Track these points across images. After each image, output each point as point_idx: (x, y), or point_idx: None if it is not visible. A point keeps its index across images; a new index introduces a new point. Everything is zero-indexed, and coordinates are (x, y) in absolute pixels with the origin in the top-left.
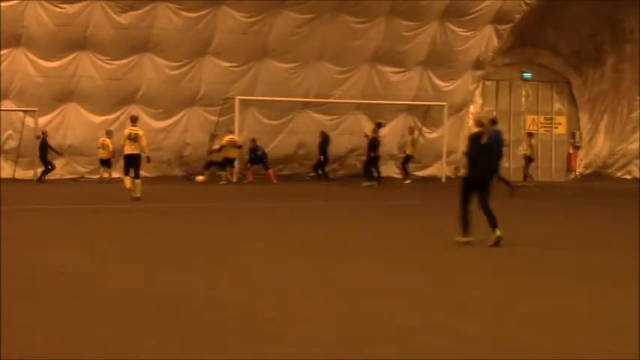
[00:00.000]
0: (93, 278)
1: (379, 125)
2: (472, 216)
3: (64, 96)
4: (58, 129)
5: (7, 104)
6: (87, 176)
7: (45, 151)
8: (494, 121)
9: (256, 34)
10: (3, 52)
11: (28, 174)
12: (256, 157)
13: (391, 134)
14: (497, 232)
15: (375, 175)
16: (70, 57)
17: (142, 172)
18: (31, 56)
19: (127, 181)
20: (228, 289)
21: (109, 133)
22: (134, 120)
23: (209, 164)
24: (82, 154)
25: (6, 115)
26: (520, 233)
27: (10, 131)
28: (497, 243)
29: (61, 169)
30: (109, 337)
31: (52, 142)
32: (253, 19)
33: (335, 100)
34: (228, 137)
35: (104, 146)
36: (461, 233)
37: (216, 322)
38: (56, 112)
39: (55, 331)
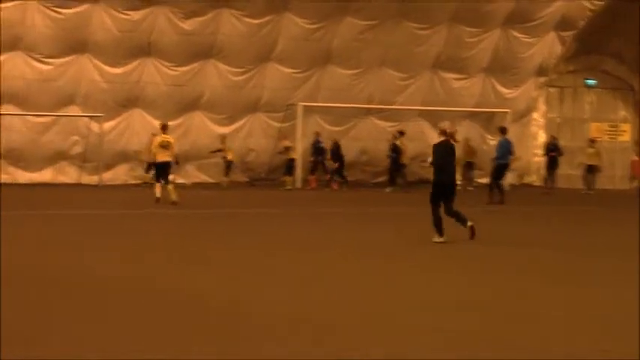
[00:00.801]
0: (136, 281)
1: (401, 133)
2: (443, 219)
3: (128, 102)
4: (123, 134)
5: (74, 110)
6: (150, 181)
7: None
8: (503, 130)
9: (319, 41)
10: (69, 58)
11: (94, 179)
12: (317, 149)
13: None
14: (469, 223)
15: (400, 181)
16: (135, 63)
17: (205, 178)
18: (97, 62)
19: (158, 189)
20: (269, 292)
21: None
22: (165, 128)
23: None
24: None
25: (72, 121)
26: (560, 237)
27: (76, 137)
28: (473, 233)
29: (124, 174)
30: (151, 338)
31: (117, 147)
32: (316, 25)
33: (397, 107)
34: (285, 142)
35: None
36: (437, 235)
37: (262, 326)
38: (121, 117)
39: (100, 332)
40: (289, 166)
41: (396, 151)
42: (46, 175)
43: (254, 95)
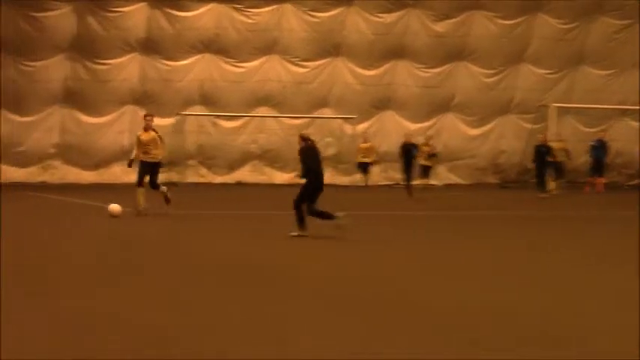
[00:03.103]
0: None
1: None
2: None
3: (380, 103)
4: (375, 136)
5: (327, 112)
6: (402, 183)
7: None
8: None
9: (572, 41)
10: (323, 61)
11: (347, 180)
12: (600, 149)
13: None
14: (339, 220)
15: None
16: (387, 65)
17: (457, 179)
18: (350, 65)
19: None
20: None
21: (364, 134)
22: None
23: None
24: (398, 160)
25: (326, 123)
26: None
27: (329, 138)
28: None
29: (376, 175)
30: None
31: None
32: (570, 25)
33: None
34: (556, 144)
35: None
36: (297, 230)
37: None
38: (373, 119)
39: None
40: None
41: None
42: None
43: (505, 96)
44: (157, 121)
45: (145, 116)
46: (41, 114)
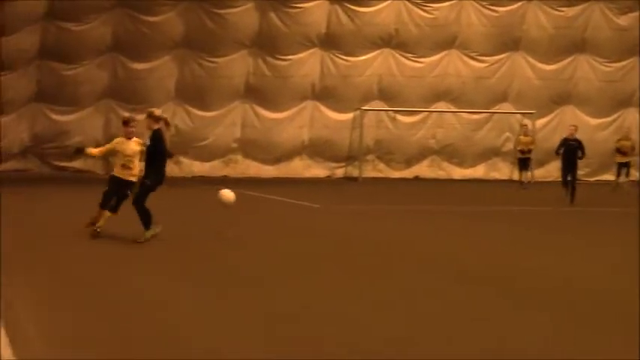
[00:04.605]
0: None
1: None
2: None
3: (560, 99)
4: (555, 131)
5: (506, 107)
6: (583, 179)
7: None
8: None
9: None
10: (502, 55)
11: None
12: None
13: None
14: (150, 232)
15: None
16: (568, 60)
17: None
18: (530, 59)
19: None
20: None
21: (524, 127)
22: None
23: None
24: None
25: (504, 118)
26: None
27: (507, 133)
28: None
29: (557, 171)
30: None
31: (548, 144)
32: None
33: None
34: None
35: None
36: (151, 230)
37: None
38: (553, 114)
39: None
40: None
41: None
42: (479, 172)
43: None
44: (336, 116)
45: (126, 122)
46: (223, 109)
